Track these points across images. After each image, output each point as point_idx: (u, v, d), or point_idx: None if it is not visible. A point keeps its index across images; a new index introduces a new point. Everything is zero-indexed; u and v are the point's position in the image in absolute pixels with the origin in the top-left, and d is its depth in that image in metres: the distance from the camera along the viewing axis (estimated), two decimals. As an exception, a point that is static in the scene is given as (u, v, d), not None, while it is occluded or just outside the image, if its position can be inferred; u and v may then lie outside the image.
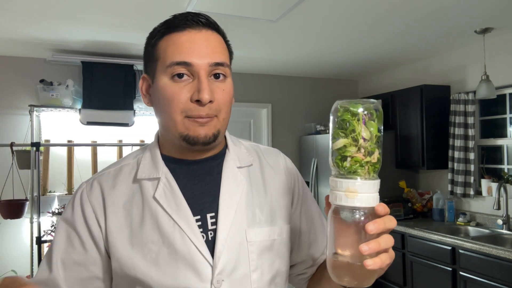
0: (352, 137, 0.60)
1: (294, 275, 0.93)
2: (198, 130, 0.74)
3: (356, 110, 0.60)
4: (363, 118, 0.59)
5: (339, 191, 0.60)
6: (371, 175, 0.60)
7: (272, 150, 0.94)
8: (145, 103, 0.83)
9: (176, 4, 2.36)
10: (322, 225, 0.93)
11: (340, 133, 0.61)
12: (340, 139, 0.61)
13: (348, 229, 0.60)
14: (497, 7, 2.51)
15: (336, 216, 0.61)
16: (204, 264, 0.74)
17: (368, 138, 0.59)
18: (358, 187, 0.59)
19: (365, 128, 0.59)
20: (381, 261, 0.57)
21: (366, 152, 0.59)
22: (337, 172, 0.62)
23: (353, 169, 0.60)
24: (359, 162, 0.59)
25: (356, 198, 0.58)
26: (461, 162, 3.32)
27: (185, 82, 0.74)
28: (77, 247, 0.77)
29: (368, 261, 0.57)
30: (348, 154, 0.60)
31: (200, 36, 0.75)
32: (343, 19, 2.69)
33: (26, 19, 2.61)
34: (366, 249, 0.56)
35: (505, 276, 2.41)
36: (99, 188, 0.80)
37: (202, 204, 0.79)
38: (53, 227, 3.05)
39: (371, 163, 0.60)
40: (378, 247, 0.57)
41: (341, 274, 0.60)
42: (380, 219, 0.58)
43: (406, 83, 4.04)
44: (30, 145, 2.92)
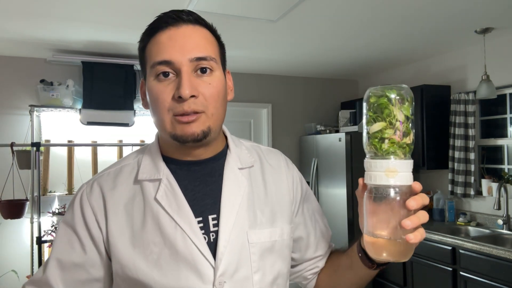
0: (389, 120, 0.63)
1: (305, 271, 0.93)
2: (185, 129, 0.74)
3: (391, 95, 0.64)
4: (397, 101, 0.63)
5: (378, 171, 0.63)
6: (406, 155, 0.64)
7: (273, 151, 0.94)
8: (143, 106, 0.84)
9: (177, 4, 2.35)
10: (323, 221, 0.95)
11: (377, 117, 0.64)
12: (377, 123, 0.64)
13: (386, 207, 0.63)
14: (497, 7, 2.51)
15: (373, 196, 0.64)
16: (206, 265, 0.74)
17: (403, 120, 0.63)
18: (398, 166, 0.62)
19: (399, 111, 0.63)
20: (420, 234, 0.62)
21: (402, 133, 0.63)
22: (373, 154, 0.65)
23: (391, 150, 0.63)
24: (396, 143, 0.63)
25: (397, 177, 0.62)
26: (462, 162, 3.32)
27: (169, 80, 0.74)
28: (77, 249, 0.77)
29: (410, 235, 0.61)
30: (386, 136, 0.63)
31: (180, 33, 0.75)
32: (343, 19, 2.69)
33: (26, 19, 2.61)
34: (409, 224, 0.60)
35: (506, 276, 2.41)
36: (99, 189, 0.79)
37: (204, 205, 0.78)
38: (53, 227, 3.05)
39: (407, 144, 0.64)
40: (418, 221, 0.61)
41: (380, 250, 0.64)
42: (418, 196, 0.63)
43: (406, 83, 4.02)
44: (30, 145, 2.92)
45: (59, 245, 0.79)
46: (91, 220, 0.77)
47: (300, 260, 0.92)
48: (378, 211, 0.64)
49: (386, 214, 0.63)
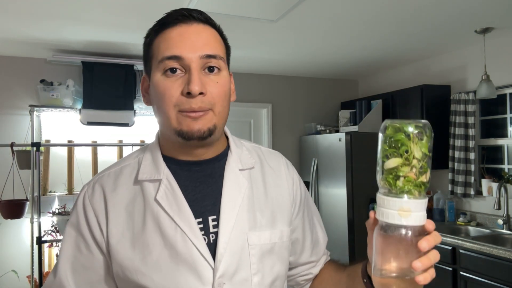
0: (405, 157, 0.60)
1: (298, 276, 0.93)
2: (191, 125, 0.73)
3: (408, 130, 0.60)
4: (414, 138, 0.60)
5: (391, 209, 0.61)
6: (421, 194, 0.61)
7: (274, 152, 0.93)
8: (145, 103, 0.83)
9: (177, 4, 2.35)
10: (321, 225, 0.95)
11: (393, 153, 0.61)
12: (393, 159, 0.61)
13: (397, 245, 0.61)
14: (497, 7, 2.51)
15: (384, 233, 0.62)
16: (206, 266, 0.73)
17: (420, 158, 0.60)
18: (412, 206, 0.60)
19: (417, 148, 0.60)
20: (430, 275, 0.60)
21: (418, 171, 0.60)
22: (387, 191, 0.62)
23: (406, 188, 0.60)
24: (412, 181, 0.60)
25: (410, 217, 0.60)
26: (462, 162, 3.32)
27: (177, 76, 0.73)
28: (84, 251, 0.78)
29: (419, 276, 0.59)
30: (401, 173, 0.61)
31: (191, 30, 0.75)
32: (343, 19, 2.69)
33: (26, 19, 2.61)
34: (420, 266, 0.58)
35: (506, 276, 2.41)
36: (100, 190, 0.79)
37: (204, 206, 0.78)
38: (53, 227, 3.05)
39: (423, 182, 0.61)
40: (429, 263, 0.59)
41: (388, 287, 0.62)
42: (431, 236, 0.60)
43: (406, 83, 4.04)
44: (31, 145, 2.92)
45: (67, 248, 0.79)
46: (93, 222, 0.77)
47: (295, 264, 0.91)
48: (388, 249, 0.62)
49: (396, 252, 0.61)
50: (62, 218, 2.94)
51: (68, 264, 0.78)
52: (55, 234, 3.05)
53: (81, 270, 0.77)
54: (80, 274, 0.78)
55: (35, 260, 2.89)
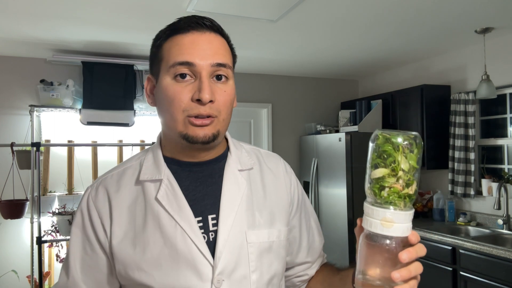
0: (392, 168, 0.61)
1: (293, 277, 0.95)
2: (197, 131, 0.76)
3: (397, 141, 0.61)
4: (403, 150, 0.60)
5: (374, 219, 0.61)
6: (407, 205, 0.61)
7: (272, 154, 0.96)
8: (149, 103, 0.85)
9: (176, 4, 2.35)
10: (317, 227, 0.97)
11: (380, 163, 0.61)
12: (380, 169, 0.61)
13: (380, 255, 0.62)
14: (497, 7, 2.51)
15: (368, 242, 0.63)
16: (205, 264, 0.75)
17: (407, 170, 0.60)
18: (395, 217, 0.60)
19: (405, 160, 0.60)
20: (409, 286, 0.60)
21: (404, 183, 0.61)
22: (373, 200, 0.63)
23: (391, 199, 0.61)
24: (397, 193, 0.60)
25: (392, 228, 0.60)
26: (462, 162, 3.32)
27: (187, 82, 0.75)
28: (89, 251, 0.80)
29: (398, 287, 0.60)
30: (386, 184, 0.61)
31: (203, 38, 0.77)
32: (343, 19, 2.69)
33: (26, 19, 2.61)
34: (398, 277, 0.59)
35: (506, 276, 2.41)
36: (104, 191, 0.82)
37: (204, 206, 0.80)
38: (53, 227, 3.05)
39: (408, 195, 0.61)
40: (409, 275, 0.60)
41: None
42: (413, 248, 0.61)
43: (406, 83, 4.04)
44: (31, 145, 2.92)
45: (75, 248, 0.82)
46: (97, 223, 0.80)
47: (291, 264, 0.93)
48: (371, 257, 0.63)
49: (378, 261, 0.62)
50: (62, 218, 2.94)
51: (78, 264, 0.81)
52: (55, 234, 3.05)
53: (88, 270, 0.80)
54: (87, 273, 0.80)
55: (35, 260, 2.89)
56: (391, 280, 0.60)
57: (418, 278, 0.63)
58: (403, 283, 0.60)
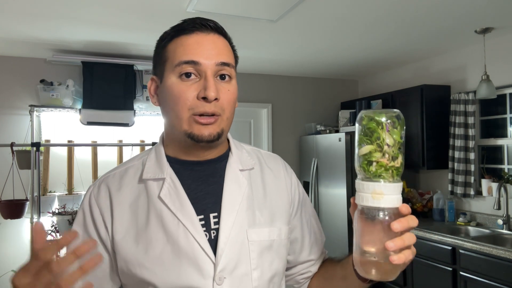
0: (377, 144, 0.65)
1: (297, 275, 0.96)
2: (202, 130, 0.78)
3: (380, 119, 0.65)
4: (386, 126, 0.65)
5: (365, 193, 0.65)
6: (394, 178, 0.65)
7: (273, 155, 0.97)
8: (153, 103, 0.86)
9: (176, 4, 2.35)
10: (318, 226, 0.99)
11: (366, 140, 0.66)
12: (366, 146, 0.66)
13: (374, 228, 0.65)
14: (497, 7, 2.51)
15: (362, 216, 0.66)
16: (207, 261, 0.76)
17: (392, 144, 0.65)
18: (384, 189, 0.64)
19: (388, 135, 0.65)
20: (405, 256, 0.63)
21: (390, 157, 0.65)
22: (363, 176, 0.67)
23: (379, 173, 0.65)
24: (384, 166, 0.65)
25: (382, 200, 0.64)
26: (462, 162, 3.32)
27: (192, 81, 0.77)
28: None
29: (393, 256, 0.63)
30: (373, 159, 0.65)
31: (208, 39, 0.79)
32: (343, 19, 2.69)
33: (26, 19, 2.61)
34: (392, 246, 0.62)
35: (506, 276, 2.41)
36: (106, 189, 0.83)
37: (205, 204, 0.82)
38: (53, 227, 3.05)
39: (395, 167, 0.65)
40: (402, 243, 0.63)
41: (368, 269, 0.66)
42: (404, 218, 0.64)
43: (406, 83, 4.04)
44: (30, 145, 2.92)
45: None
46: (99, 220, 0.81)
47: (294, 262, 0.94)
48: (366, 231, 0.66)
49: (373, 234, 0.65)
50: (62, 218, 2.94)
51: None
52: (55, 234, 3.05)
53: None
54: None
55: (35, 260, 2.89)
56: (387, 252, 0.63)
57: (413, 250, 0.66)
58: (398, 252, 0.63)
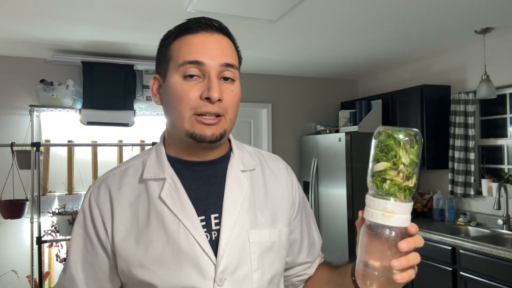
0: (393, 162, 0.64)
1: (293, 276, 0.96)
2: (205, 130, 0.77)
3: (399, 137, 0.64)
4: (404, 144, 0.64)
5: (375, 209, 0.65)
6: (406, 198, 0.65)
7: (274, 156, 0.97)
8: (155, 102, 0.86)
9: (176, 4, 2.35)
10: (316, 228, 0.99)
11: (382, 157, 0.65)
12: (382, 162, 0.65)
13: (380, 245, 0.65)
14: (497, 7, 2.51)
15: (369, 232, 0.66)
16: (208, 262, 0.76)
17: (408, 164, 0.64)
18: (396, 208, 0.63)
19: (405, 154, 0.64)
20: (408, 276, 0.63)
21: (405, 176, 0.64)
22: (375, 192, 0.66)
23: (392, 191, 0.64)
24: (397, 185, 0.64)
25: (392, 218, 0.63)
26: (462, 162, 3.32)
27: (196, 81, 0.77)
28: (90, 249, 0.81)
29: (397, 275, 0.63)
30: (388, 177, 0.64)
31: (213, 39, 0.79)
32: (343, 19, 2.69)
33: (26, 19, 2.61)
34: (397, 265, 0.62)
35: (506, 276, 2.41)
36: (106, 189, 0.82)
37: (207, 205, 0.81)
38: (53, 227, 3.05)
39: (408, 187, 0.65)
40: (407, 263, 0.63)
41: (369, 282, 0.65)
42: (412, 238, 0.64)
43: (406, 83, 4.04)
44: (30, 145, 2.92)
45: (76, 246, 0.83)
46: (98, 221, 0.80)
47: (292, 264, 0.94)
48: (371, 247, 0.66)
49: (378, 251, 0.65)
50: (62, 218, 2.94)
51: (78, 261, 0.82)
52: (55, 234, 3.05)
53: (89, 267, 0.81)
54: (88, 271, 0.81)
55: (35, 260, 2.89)
56: (390, 269, 0.63)
57: (415, 269, 0.66)
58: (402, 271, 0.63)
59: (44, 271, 3.23)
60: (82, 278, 0.81)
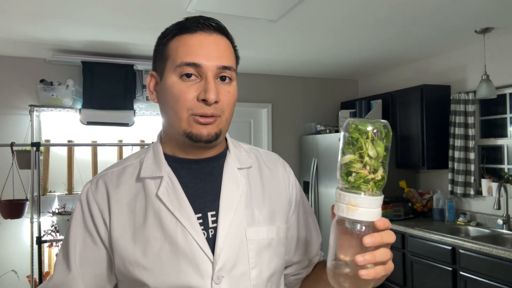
0: (359, 154, 0.62)
1: (290, 275, 0.96)
2: (201, 129, 0.77)
3: (365, 129, 0.62)
4: (371, 137, 0.62)
5: (342, 203, 0.63)
6: (373, 191, 0.63)
7: (271, 154, 0.97)
8: (151, 100, 0.86)
9: (176, 4, 2.35)
10: (315, 227, 0.97)
11: (349, 149, 0.63)
12: (348, 155, 0.63)
13: (349, 240, 0.63)
14: (497, 7, 2.51)
15: (339, 227, 0.65)
16: (205, 260, 0.76)
17: (374, 156, 0.62)
18: (360, 201, 0.62)
19: (372, 146, 0.62)
20: (375, 272, 0.60)
21: (371, 169, 0.62)
22: (342, 186, 0.65)
23: (357, 184, 0.63)
24: (363, 178, 0.62)
25: (357, 212, 0.61)
26: (461, 162, 3.32)
27: (192, 81, 0.77)
28: (89, 244, 0.80)
29: (362, 271, 0.60)
30: (353, 169, 0.63)
31: (211, 40, 0.78)
32: (343, 19, 2.69)
33: (26, 19, 2.61)
34: (361, 260, 0.60)
35: (506, 276, 2.41)
36: (104, 186, 0.82)
37: (204, 202, 0.81)
38: (53, 227, 3.05)
39: (375, 180, 0.63)
40: (373, 259, 0.60)
41: (340, 281, 0.64)
42: (378, 234, 0.61)
43: (406, 83, 4.04)
44: (30, 145, 2.92)
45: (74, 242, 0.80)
46: (97, 216, 0.80)
47: (289, 262, 0.94)
48: (340, 243, 0.64)
49: (346, 246, 0.63)
50: (62, 218, 2.94)
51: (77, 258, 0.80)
52: (55, 234, 3.05)
53: (88, 264, 0.80)
54: (87, 268, 0.80)
55: (35, 260, 2.89)
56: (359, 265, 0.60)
57: (387, 267, 0.63)
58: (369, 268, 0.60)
59: (44, 271, 3.23)
60: (80, 275, 0.79)
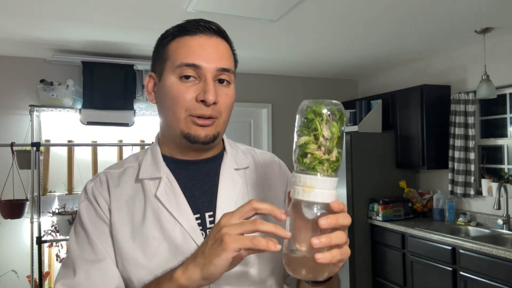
0: (314, 135, 0.62)
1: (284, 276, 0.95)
2: (199, 131, 0.78)
3: (319, 110, 0.63)
4: (326, 118, 0.62)
5: (297, 185, 0.62)
6: (329, 172, 0.62)
7: (267, 154, 0.98)
8: (149, 100, 0.87)
9: (176, 4, 2.35)
10: None
11: (304, 131, 0.63)
12: (303, 137, 0.63)
13: (305, 224, 0.62)
14: (497, 7, 2.51)
15: (295, 210, 0.63)
16: None
17: (329, 137, 0.62)
18: (315, 182, 0.61)
19: (326, 127, 0.62)
20: (331, 256, 0.59)
21: (326, 150, 0.62)
22: (298, 168, 0.64)
23: (312, 165, 0.62)
24: (318, 159, 0.62)
25: (312, 193, 0.61)
26: (462, 162, 3.32)
27: (191, 83, 0.78)
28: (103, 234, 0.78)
29: (318, 254, 0.58)
30: (308, 151, 0.62)
31: (210, 42, 0.80)
32: (343, 19, 2.69)
33: (26, 19, 2.61)
34: (317, 243, 0.58)
35: (506, 276, 2.41)
36: (106, 183, 0.83)
37: (201, 203, 0.82)
38: (53, 227, 3.05)
39: (330, 161, 0.62)
40: (329, 242, 0.59)
41: (296, 267, 0.62)
42: (333, 215, 0.60)
43: (406, 83, 4.04)
44: (31, 145, 2.92)
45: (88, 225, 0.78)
46: (105, 207, 0.80)
47: None
48: (298, 226, 0.63)
49: (302, 230, 0.62)
50: (62, 218, 2.94)
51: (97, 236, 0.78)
52: (55, 234, 3.05)
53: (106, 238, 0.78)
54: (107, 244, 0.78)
55: (35, 260, 2.89)
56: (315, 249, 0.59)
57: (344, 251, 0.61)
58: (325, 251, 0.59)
59: (44, 271, 3.23)
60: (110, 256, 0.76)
